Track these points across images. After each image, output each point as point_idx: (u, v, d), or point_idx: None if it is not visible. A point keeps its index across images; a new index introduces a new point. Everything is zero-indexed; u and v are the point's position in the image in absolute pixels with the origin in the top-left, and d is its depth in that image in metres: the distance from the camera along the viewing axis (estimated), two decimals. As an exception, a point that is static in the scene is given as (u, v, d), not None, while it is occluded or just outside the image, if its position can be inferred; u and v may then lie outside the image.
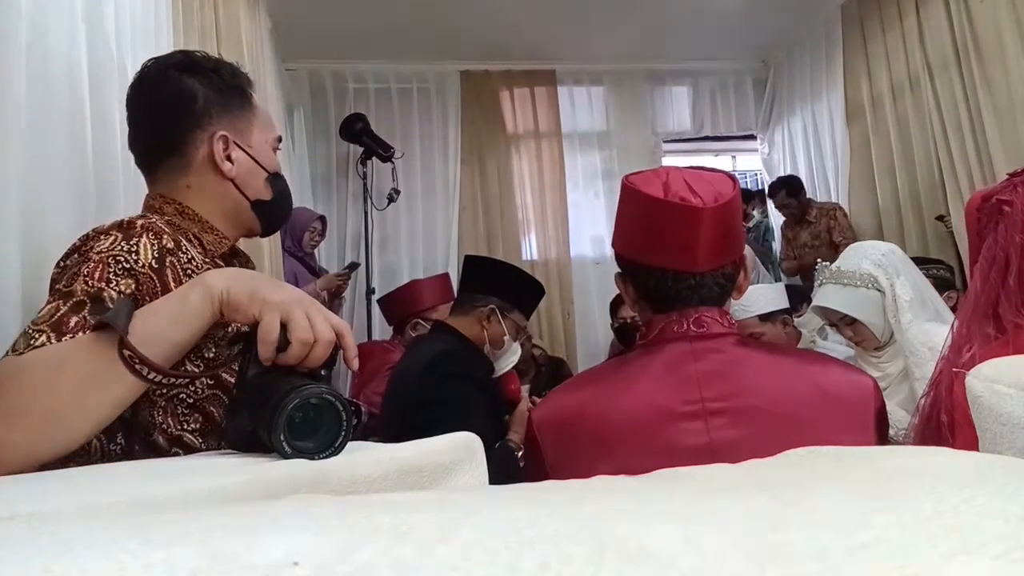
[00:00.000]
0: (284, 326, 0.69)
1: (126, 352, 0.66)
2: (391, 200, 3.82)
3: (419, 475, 0.58)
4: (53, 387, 0.66)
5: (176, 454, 0.84)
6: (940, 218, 3.26)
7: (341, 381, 3.63)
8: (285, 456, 0.60)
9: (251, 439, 0.66)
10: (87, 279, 0.80)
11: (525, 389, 2.11)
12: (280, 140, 1.13)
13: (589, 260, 4.30)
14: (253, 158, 1.04)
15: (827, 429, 0.90)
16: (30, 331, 0.75)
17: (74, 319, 0.76)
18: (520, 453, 1.69)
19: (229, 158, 1.01)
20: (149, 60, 1.05)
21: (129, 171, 1.43)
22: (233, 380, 0.83)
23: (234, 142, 1.01)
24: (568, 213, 4.32)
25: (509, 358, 1.96)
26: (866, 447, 0.42)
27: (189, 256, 0.91)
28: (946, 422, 1.02)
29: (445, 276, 3.19)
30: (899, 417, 1.54)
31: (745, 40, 4.30)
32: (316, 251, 3.52)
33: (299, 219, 3.10)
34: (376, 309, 3.37)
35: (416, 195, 4.16)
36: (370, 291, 3.62)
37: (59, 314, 0.76)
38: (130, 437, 0.83)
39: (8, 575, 0.23)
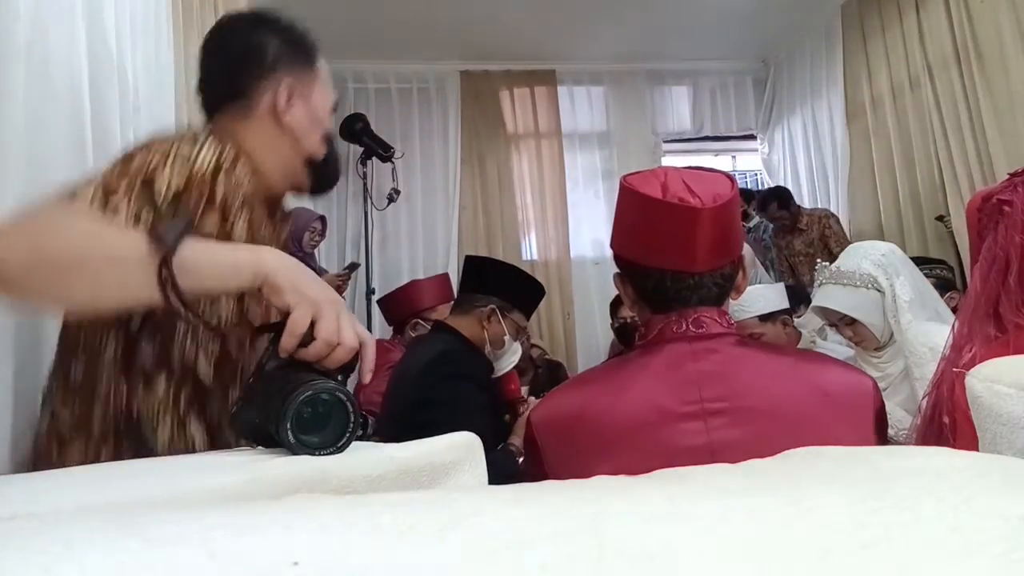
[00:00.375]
0: (313, 324, 0.71)
1: (164, 273, 0.67)
2: (391, 200, 3.82)
3: (419, 475, 0.58)
4: (84, 259, 0.70)
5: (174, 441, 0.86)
6: (940, 218, 3.26)
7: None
8: (289, 449, 0.60)
9: (258, 430, 0.66)
10: (143, 161, 0.86)
11: (525, 390, 2.11)
12: (337, 106, 1.19)
13: (589, 260, 4.29)
14: (313, 114, 1.09)
15: (826, 429, 0.90)
16: (82, 185, 0.82)
17: (123, 184, 0.84)
18: (521, 459, 1.68)
19: (290, 110, 1.06)
20: (225, 14, 1.17)
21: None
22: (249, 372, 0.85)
23: (297, 95, 1.06)
24: (568, 213, 4.32)
25: (509, 358, 1.96)
26: (866, 447, 0.42)
27: (240, 179, 0.94)
28: (948, 423, 1.02)
29: (445, 276, 3.19)
30: (900, 417, 1.54)
31: (745, 40, 4.30)
32: (316, 251, 3.51)
33: (299, 219, 3.10)
34: (376, 309, 3.36)
35: (416, 195, 4.16)
36: (370, 291, 3.62)
37: (112, 176, 0.85)
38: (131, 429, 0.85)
39: (8, 575, 0.23)
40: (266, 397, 0.65)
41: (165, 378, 0.87)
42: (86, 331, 0.87)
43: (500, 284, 1.92)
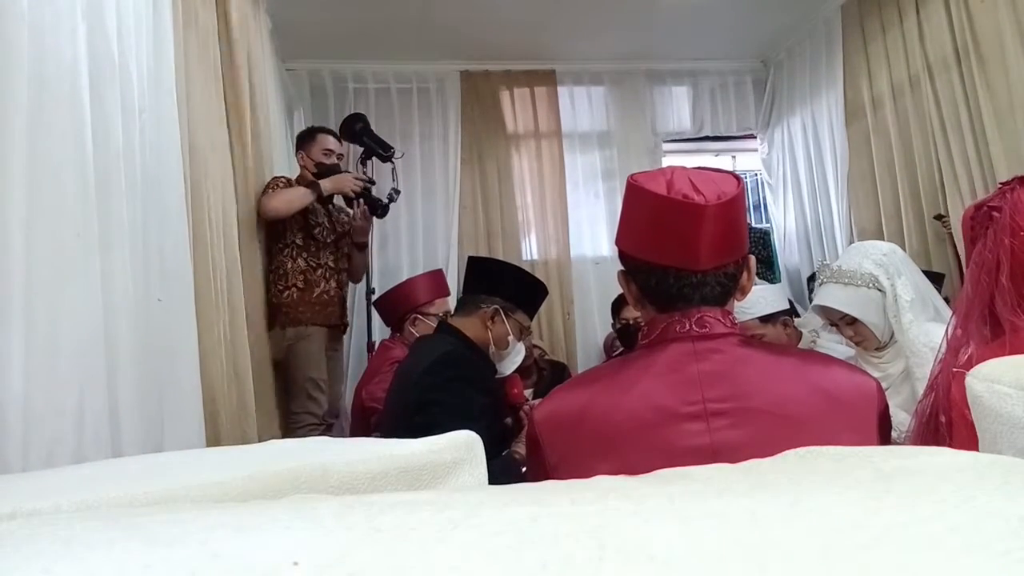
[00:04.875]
0: None
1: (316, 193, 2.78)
2: (391, 200, 3.82)
3: (419, 474, 0.58)
4: (295, 203, 2.70)
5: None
6: (938, 217, 3.26)
7: (341, 379, 3.62)
8: None
9: None
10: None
11: (529, 392, 2.11)
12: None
13: (589, 260, 4.28)
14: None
15: (829, 430, 0.90)
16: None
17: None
18: (524, 469, 1.68)
19: None
20: None
21: (127, 169, 1.43)
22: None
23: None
24: (568, 213, 4.31)
25: (514, 359, 1.96)
26: (866, 447, 0.42)
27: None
28: (944, 423, 1.03)
29: (438, 271, 3.20)
30: (901, 419, 1.54)
31: (745, 40, 4.29)
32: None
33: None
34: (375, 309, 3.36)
35: (416, 195, 4.16)
36: (370, 291, 3.61)
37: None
38: None
39: (8, 575, 0.23)
40: None
41: None
42: None
43: (504, 284, 1.92)
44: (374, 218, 3.20)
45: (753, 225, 4.68)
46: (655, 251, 0.97)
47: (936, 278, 2.75)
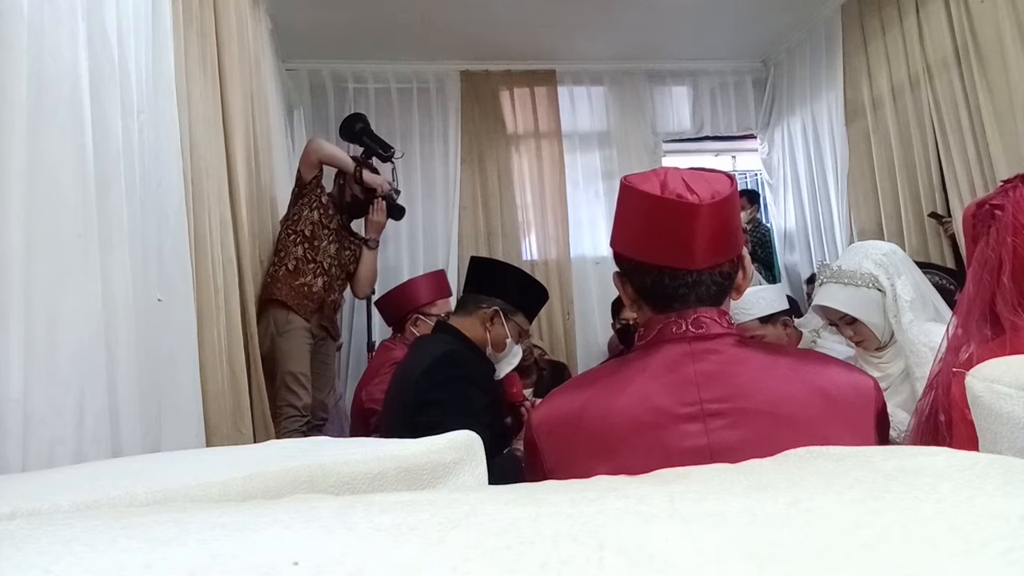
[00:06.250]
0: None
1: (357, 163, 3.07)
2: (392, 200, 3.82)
3: (419, 474, 0.58)
4: (340, 160, 3.03)
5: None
6: (933, 215, 3.26)
7: (341, 379, 3.62)
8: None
9: None
10: None
11: (529, 392, 2.11)
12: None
13: (589, 260, 4.29)
14: None
15: (827, 430, 0.90)
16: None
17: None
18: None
19: None
20: None
21: (127, 169, 1.43)
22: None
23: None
24: (568, 213, 4.32)
25: (510, 361, 1.96)
26: (866, 447, 0.42)
27: None
28: (943, 421, 1.03)
29: (440, 272, 3.20)
30: (900, 419, 1.54)
31: (745, 40, 4.30)
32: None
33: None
34: (376, 310, 3.36)
35: (416, 195, 4.16)
36: (370, 291, 3.62)
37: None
38: None
39: (8, 575, 0.23)
40: None
41: None
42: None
43: (504, 286, 1.92)
44: (389, 220, 3.26)
45: (762, 223, 4.69)
46: (650, 251, 0.97)
47: (956, 277, 2.75)
